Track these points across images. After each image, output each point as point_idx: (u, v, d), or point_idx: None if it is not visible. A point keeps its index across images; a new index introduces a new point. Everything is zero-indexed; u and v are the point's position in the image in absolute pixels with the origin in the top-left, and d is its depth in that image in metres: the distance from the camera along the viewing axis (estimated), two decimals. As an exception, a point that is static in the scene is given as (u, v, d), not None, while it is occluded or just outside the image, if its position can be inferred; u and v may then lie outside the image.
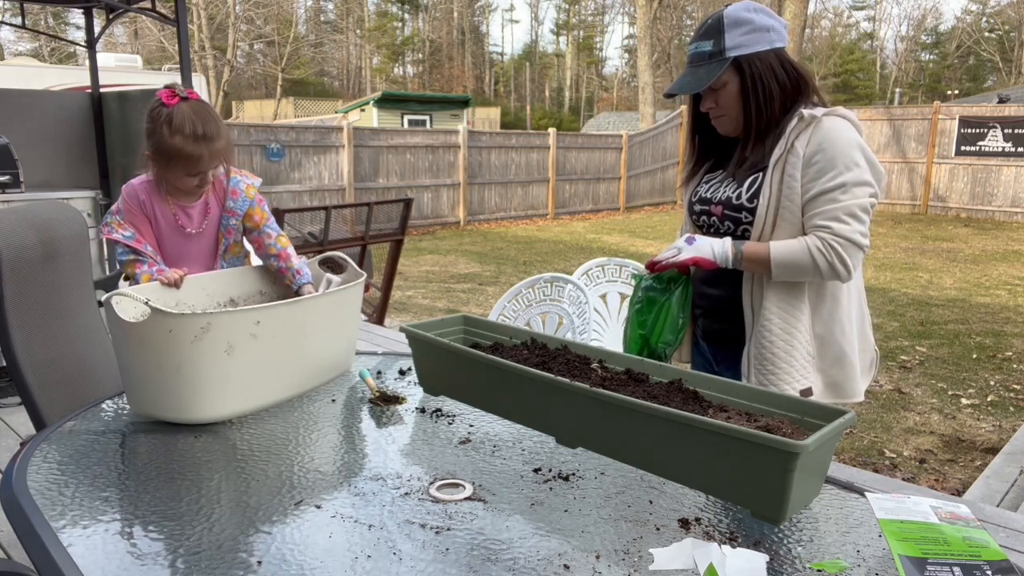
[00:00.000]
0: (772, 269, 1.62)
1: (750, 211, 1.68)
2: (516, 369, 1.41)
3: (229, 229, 2.00)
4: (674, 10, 38.04)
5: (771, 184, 1.65)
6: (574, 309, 3.09)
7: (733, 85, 1.67)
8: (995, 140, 14.10)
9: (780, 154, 1.64)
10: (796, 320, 1.68)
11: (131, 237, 1.87)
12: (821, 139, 1.60)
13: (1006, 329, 6.42)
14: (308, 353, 1.71)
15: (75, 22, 33.10)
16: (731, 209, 1.71)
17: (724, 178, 1.78)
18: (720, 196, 1.75)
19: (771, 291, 1.68)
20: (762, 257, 1.63)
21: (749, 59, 1.66)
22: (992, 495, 3.07)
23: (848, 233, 1.58)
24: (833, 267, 1.59)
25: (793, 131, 1.64)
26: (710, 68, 1.67)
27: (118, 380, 2.03)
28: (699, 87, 1.67)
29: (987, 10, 42.78)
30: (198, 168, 1.83)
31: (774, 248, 1.62)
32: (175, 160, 1.80)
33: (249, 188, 2.00)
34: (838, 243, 1.58)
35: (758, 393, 1.33)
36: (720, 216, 1.74)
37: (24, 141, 4.16)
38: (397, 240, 5.42)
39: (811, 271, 1.61)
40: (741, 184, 1.71)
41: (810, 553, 1.08)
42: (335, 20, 45.12)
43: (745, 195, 1.69)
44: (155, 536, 1.09)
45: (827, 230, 1.59)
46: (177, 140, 1.77)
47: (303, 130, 11.72)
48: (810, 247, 1.59)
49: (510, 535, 1.10)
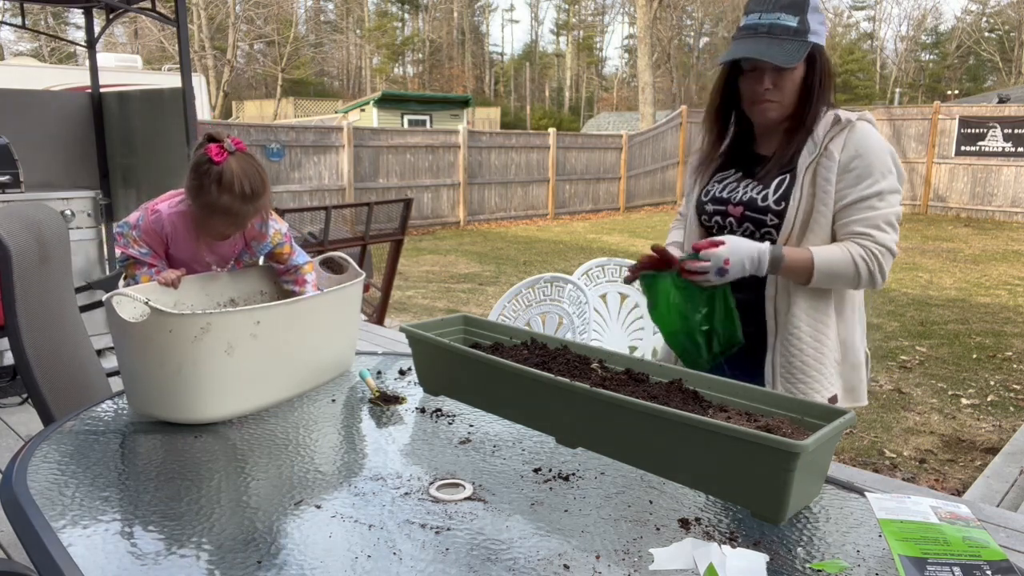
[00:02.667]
0: (814, 276, 1.56)
1: (776, 214, 1.61)
2: (516, 369, 1.41)
3: (240, 261, 2.03)
4: (674, 10, 38.04)
5: (802, 187, 1.58)
6: (574, 309, 3.09)
7: (799, 72, 1.58)
8: (995, 140, 14.10)
9: (813, 157, 1.58)
10: (824, 326, 1.63)
11: (146, 255, 1.87)
12: (858, 144, 1.56)
13: (1006, 329, 6.41)
14: (308, 353, 1.71)
15: (75, 22, 33.11)
16: (754, 211, 1.63)
17: (741, 178, 1.70)
18: (741, 197, 1.66)
19: (800, 297, 1.62)
20: (804, 265, 1.56)
21: (820, 50, 1.58)
22: (992, 495, 3.07)
23: (887, 241, 1.56)
24: (872, 276, 1.56)
25: (828, 134, 1.58)
26: (797, 46, 1.54)
27: (107, 385, 2.04)
28: (789, 62, 1.54)
29: (987, 10, 42.79)
30: (241, 225, 1.83)
31: (818, 256, 1.56)
32: (220, 215, 1.78)
33: (276, 234, 1.98)
34: (879, 251, 1.55)
35: (758, 393, 1.33)
36: (739, 217, 1.66)
37: (24, 141, 4.15)
38: (397, 240, 5.42)
39: (851, 279, 1.57)
40: (767, 185, 1.63)
41: (810, 553, 1.08)
42: (335, 20, 45.14)
43: (772, 197, 1.62)
44: (155, 536, 1.09)
45: (869, 238, 1.55)
46: (225, 199, 1.73)
47: (303, 130, 11.72)
48: (853, 255, 1.55)
49: (510, 535, 1.10)
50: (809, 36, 1.55)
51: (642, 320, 3.33)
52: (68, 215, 3.90)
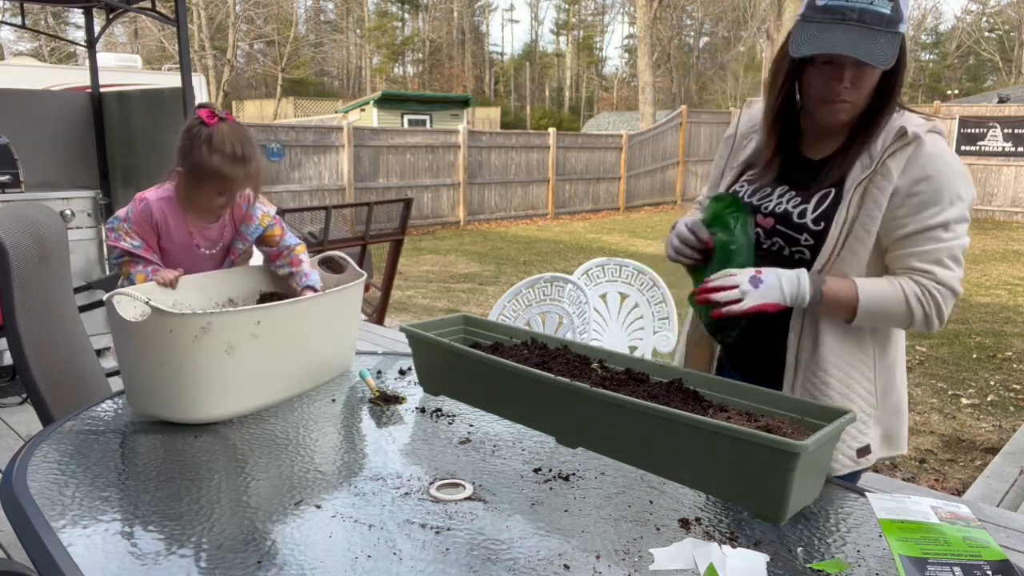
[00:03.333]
0: (857, 313, 1.34)
1: (813, 235, 1.37)
2: (516, 369, 1.41)
3: (235, 251, 2.02)
4: (674, 10, 38.03)
5: (848, 207, 1.34)
6: (574, 309, 3.09)
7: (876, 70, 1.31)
8: (995, 140, 14.10)
9: (867, 174, 1.34)
10: (857, 372, 1.41)
11: (139, 247, 1.87)
12: (926, 164, 1.31)
13: (1006, 329, 6.41)
14: (308, 353, 1.71)
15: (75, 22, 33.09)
16: (788, 227, 1.40)
17: (775, 185, 1.45)
18: (774, 208, 1.43)
19: (830, 337, 1.39)
20: (848, 301, 1.33)
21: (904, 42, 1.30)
22: (992, 495, 3.07)
23: (951, 280, 1.32)
24: (928, 319, 1.33)
25: (889, 148, 1.33)
26: (890, 39, 1.26)
27: (106, 385, 2.04)
28: (887, 61, 1.26)
29: (987, 10, 42.78)
30: (231, 189, 1.83)
31: (864, 293, 1.32)
32: (210, 179, 1.79)
33: (264, 216, 2.00)
34: (939, 291, 1.32)
35: (758, 393, 1.33)
36: (768, 230, 1.43)
37: (24, 141, 4.15)
38: (397, 240, 5.42)
39: (902, 321, 1.35)
40: (807, 200, 1.39)
41: (810, 553, 1.08)
42: (335, 20, 45.13)
43: (811, 214, 1.38)
44: (155, 536, 1.09)
45: (929, 276, 1.32)
46: (216, 160, 1.76)
47: (303, 130, 11.72)
48: (907, 294, 1.32)
49: (510, 535, 1.10)
50: (900, 28, 1.27)
51: (642, 320, 3.33)
52: (68, 215, 3.90)
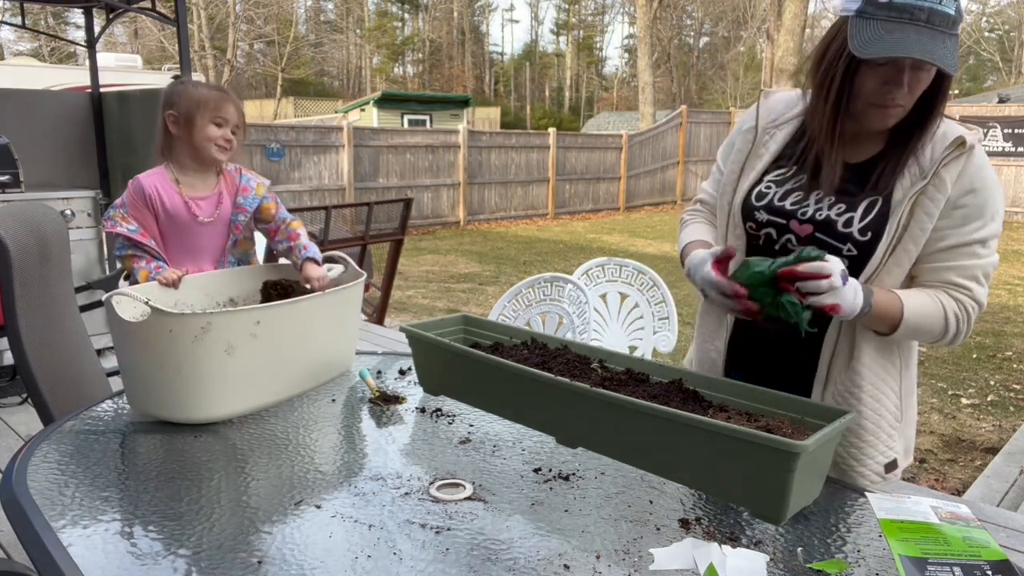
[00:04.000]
0: (900, 328, 1.29)
1: (859, 245, 1.30)
2: (516, 369, 1.41)
3: (238, 225, 2.03)
4: (674, 10, 38.02)
5: (900, 218, 1.28)
6: (574, 309, 3.09)
7: (932, 71, 1.23)
8: (995, 140, 14.10)
9: (922, 185, 1.27)
10: (885, 383, 1.39)
11: (135, 231, 1.89)
12: (973, 177, 1.27)
13: (1006, 329, 6.41)
14: (308, 353, 1.71)
15: (75, 22, 33.08)
16: (830, 235, 1.32)
17: (808, 185, 1.37)
18: (814, 214, 1.34)
19: (868, 349, 1.35)
20: (894, 314, 1.28)
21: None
22: (992, 495, 3.07)
23: (983, 297, 1.31)
24: (959, 335, 1.32)
25: (944, 157, 1.27)
26: (954, 43, 1.20)
27: (107, 385, 2.04)
28: (954, 66, 1.19)
29: (987, 10, 42.78)
30: (223, 113, 1.93)
31: (909, 308, 1.28)
32: (202, 106, 1.90)
33: (259, 187, 2.06)
34: (973, 308, 1.31)
35: (758, 393, 1.33)
36: (805, 238, 1.34)
37: (24, 141, 4.15)
38: (397, 240, 5.41)
39: (938, 336, 1.31)
40: (852, 208, 1.32)
41: (810, 553, 1.08)
42: (335, 20, 45.13)
43: (857, 224, 1.30)
44: (155, 536, 1.09)
45: (967, 292, 1.30)
46: (202, 90, 1.93)
47: (303, 130, 11.72)
48: (947, 311, 1.29)
49: (510, 535, 1.10)
50: (959, 27, 1.21)
51: (642, 320, 3.33)
52: (68, 215, 3.90)
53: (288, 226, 2.05)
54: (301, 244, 2.01)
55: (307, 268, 1.95)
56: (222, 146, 1.94)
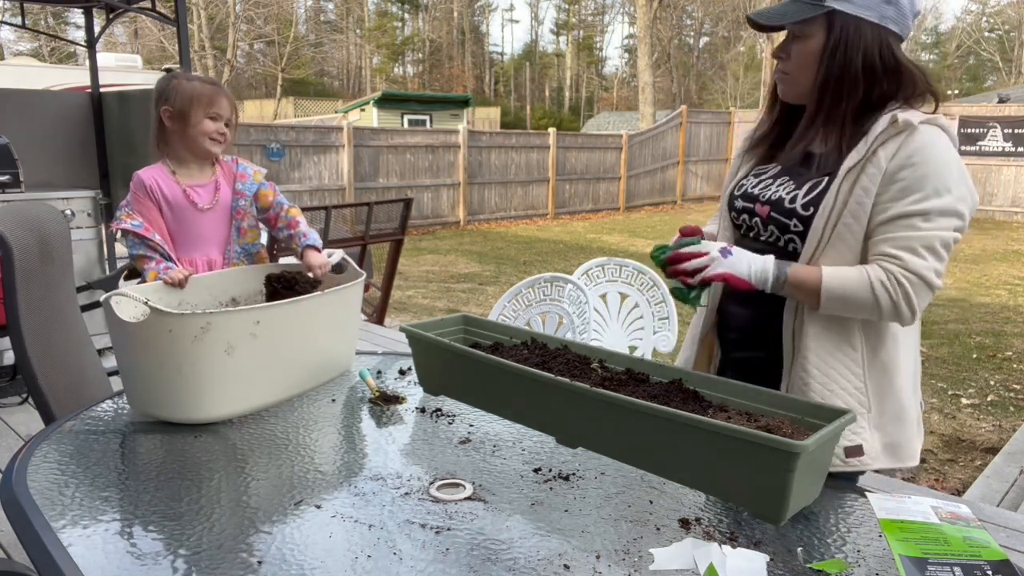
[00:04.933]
0: (821, 300, 1.34)
1: (802, 220, 1.39)
2: (516, 369, 1.41)
3: (239, 210, 2.06)
4: (674, 10, 38.02)
5: (837, 194, 1.35)
6: (574, 309, 3.09)
7: (816, 43, 1.37)
8: (995, 140, 14.10)
9: (858, 160, 1.35)
10: (838, 361, 1.40)
11: (139, 226, 1.92)
12: (912, 152, 1.31)
13: (1006, 329, 6.42)
14: (308, 353, 1.71)
15: (75, 22, 33.08)
16: (781, 213, 1.42)
17: (778, 174, 1.49)
18: (770, 195, 1.46)
19: (811, 321, 1.39)
20: (811, 284, 1.34)
21: (846, 20, 1.34)
22: (992, 495, 3.08)
23: (922, 269, 1.30)
24: (896, 307, 1.31)
25: (880, 136, 1.34)
26: (800, 7, 1.37)
27: (107, 385, 2.04)
28: (781, 20, 1.38)
29: (987, 10, 42.78)
30: (218, 107, 1.96)
31: (827, 276, 1.33)
32: (196, 100, 1.94)
33: (256, 173, 2.11)
34: (907, 279, 1.30)
35: (758, 393, 1.33)
36: (765, 219, 1.45)
37: (24, 141, 4.15)
38: (397, 240, 5.41)
39: (869, 308, 1.33)
40: (800, 186, 1.42)
41: (810, 553, 1.08)
42: (335, 20, 45.13)
43: (801, 200, 1.40)
44: (155, 536, 1.09)
45: (897, 261, 1.31)
46: (195, 83, 1.95)
47: (303, 130, 11.72)
48: (872, 280, 1.31)
49: (510, 535, 1.10)
50: (828, 1, 1.34)
51: (642, 320, 3.33)
52: (68, 215, 3.90)
53: (287, 213, 2.08)
54: (301, 232, 2.04)
55: (308, 256, 1.97)
56: (216, 139, 1.99)
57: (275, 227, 2.10)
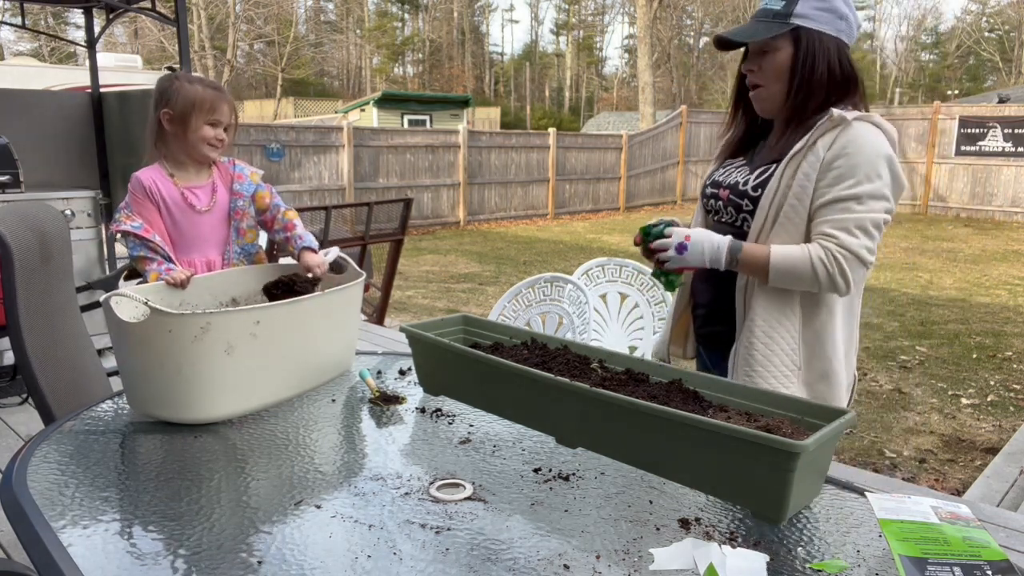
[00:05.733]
0: (769, 274, 1.54)
1: (752, 200, 1.61)
2: (516, 369, 1.41)
3: (238, 211, 2.06)
4: (674, 10, 38.02)
5: (781, 177, 1.57)
6: (574, 309, 3.09)
7: (784, 56, 1.57)
8: (995, 140, 14.10)
9: (799, 149, 1.55)
10: (780, 325, 1.60)
11: (139, 227, 1.92)
12: (846, 143, 1.51)
13: (1006, 329, 6.42)
14: (308, 353, 1.71)
15: (75, 22, 33.09)
16: (736, 195, 1.65)
17: (741, 165, 1.72)
18: (729, 180, 1.69)
19: (760, 293, 1.61)
20: (760, 261, 1.55)
21: (812, 35, 1.55)
22: (992, 495, 3.08)
23: (855, 247, 1.49)
24: (833, 280, 1.50)
25: (819, 128, 1.54)
26: (769, 26, 1.57)
27: (107, 385, 2.04)
28: (752, 38, 1.58)
29: (987, 10, 42.77)
30: (218, 114, 1.96)
31: (775, 253, 1.54)
32: (197, 106, 1.93)
33: (253, 174, 2.11)
34: (842, 255, 1.49)
35: (758, 393, 1.33)
36: (725, 201, 1.68)
37: (24, 141, 4.15)
38: (397, 240, 5.41)
39: (810, 281, 1.52)
40: (752, 171, 1.65)
41: (810, 553, 1.08)
42: (335, 20, 45.13)
43: (752, 182, 1.62)
44: (155, 536, 1.09)
45: (834, 240, 1.50)
46: (197, 87, 1.94)
47: (303, 130, 11.72)
48: (812, 256, 1.51)
49: (510, 535, 1.10)
50: (793, 19, 1.54)
51: (642, 320, 3.33)
52: (68, 215, 3.90)
53: (284, 215, 2.09)
54: (297, 234, 2.04)
55: (305, 257, 1.98)
56: (214, 144, 1.99)
57: (272, 229, 2.10)
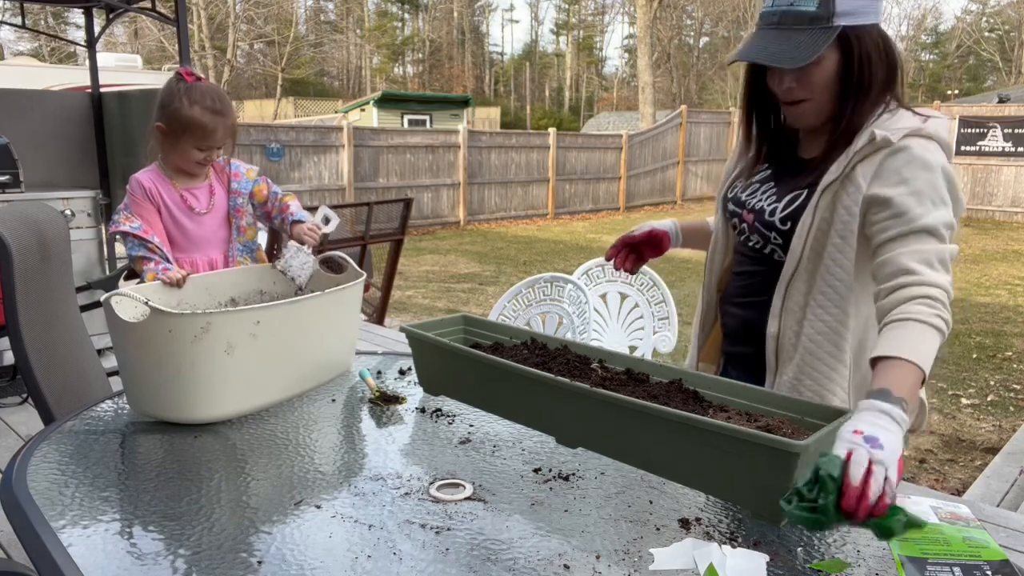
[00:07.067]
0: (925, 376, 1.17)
1: (781, 234, 1.39)
2: (516, 369, 1.41)
3: (239, 209, 2.09)
4: (674, 10, 38.02)
5: (815, 210, 1.33)
6: (574, 309, 3.09)
7: (831, 64, 1.31)
8: (995, 140, 14.10)
9: (836, 177, 1.31)
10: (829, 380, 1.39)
11: (138, 228, 1.93)
12: (900, 167, 1.26)
13: (1006, 329, 6.41)
14: (308, 353, 1.71)
15: (75, 22, 33.10)
16: (762, 224, 1.43)
17: (767, 179, 1.47)
18: (755, 203, 1.45)
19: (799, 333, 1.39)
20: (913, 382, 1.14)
21: (858, 33, 1.29)
22: (992, 495, 3.07)
23: (945, 284, 1.23)
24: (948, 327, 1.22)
25: (858, 154, 1.29)
26: (814, 37, 1.27)
27: (107, 385, 2.04)
28: (801, 60, 1.27)
29: (987, 10, 42.78)
30: (209, 142, 1.95)
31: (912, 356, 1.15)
32: (189, 131, 1.92)
33: (249, 171, 2.13)
34: (942, 296, 1.22)
35: (758, 393, 1.33)
36: (751, 226, 1.46)
37: (24, 141, 4.15)
38: (397, 240, 5.41)
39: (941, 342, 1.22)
40: (780, 198, 1.40)
41: (810, 553, 1.08)
42: (335, 20, 45.14)
43: (779, 213, 1.39)
44: (155, 536, 1.09)
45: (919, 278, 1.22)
46: (196, 111, 1.91)
47: (303, 130, 11.72)
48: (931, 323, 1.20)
49: (510, 535, 1.10)
50: (836, 20, 1.27)
51: (642, 320, 3.33)
52: (68, 215, 3.90)
53: (280, 201, 2.11)
54: (290, 212, 2.07)
55: (294, 229, 2.01)
56: (201, 163, 2.01)
57: (271, 218, 2.13)
